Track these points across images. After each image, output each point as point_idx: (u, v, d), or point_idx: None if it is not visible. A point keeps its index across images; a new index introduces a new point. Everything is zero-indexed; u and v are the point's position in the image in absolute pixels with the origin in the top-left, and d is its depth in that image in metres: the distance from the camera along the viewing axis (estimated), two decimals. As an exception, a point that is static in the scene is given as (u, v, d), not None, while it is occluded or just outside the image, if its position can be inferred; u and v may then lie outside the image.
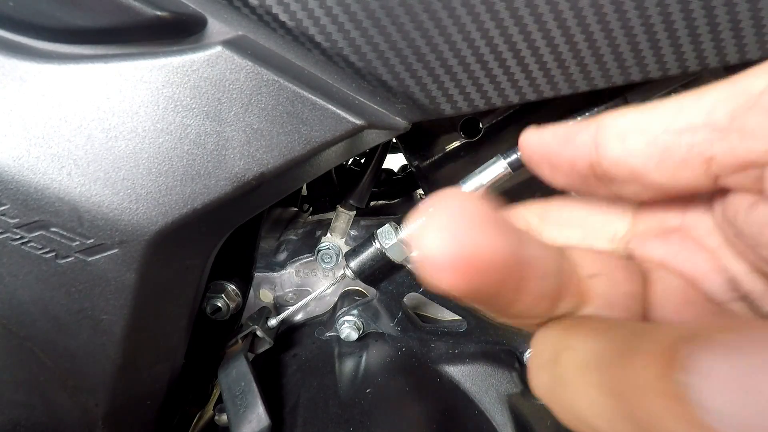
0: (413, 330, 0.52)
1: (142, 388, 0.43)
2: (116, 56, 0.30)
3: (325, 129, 0.32)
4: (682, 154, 0.16)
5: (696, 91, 0.17)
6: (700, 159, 0.16)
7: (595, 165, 0.18)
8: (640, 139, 0.17)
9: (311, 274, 0.59)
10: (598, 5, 0.29)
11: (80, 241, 0.33)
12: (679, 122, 0.16)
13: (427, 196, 0.49)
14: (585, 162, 0.19)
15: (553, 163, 0.20)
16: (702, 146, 0.16)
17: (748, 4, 0.29)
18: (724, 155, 0.16)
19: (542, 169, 0.21)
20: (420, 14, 0.30)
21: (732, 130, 0.15)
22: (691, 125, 0.16)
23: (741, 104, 0.15)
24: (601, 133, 0.18)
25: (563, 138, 0.19)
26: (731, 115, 0.16)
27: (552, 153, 0.20)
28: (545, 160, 0.20)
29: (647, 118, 0.17)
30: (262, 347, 0.53)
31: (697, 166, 0.16)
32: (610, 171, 0.18)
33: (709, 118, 0.16)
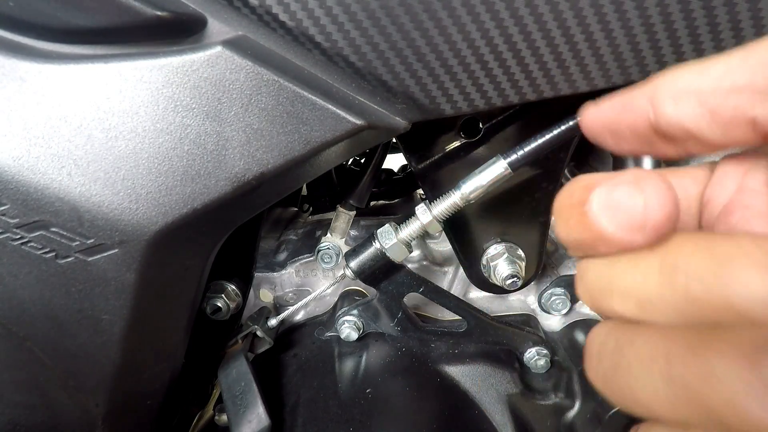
0: (413, 330, 0.52)
1: (142, 388, 0.43)
2: (116, 56, 0.30)
3: (325, 129, 0.32)
4: (729, 114, 0.17)
5: (744, 49, 0.17)
6: (744, 119, 0.17)
7: (655, 126, 0.19)
8: (691, 100, 0.18)
9: (311, 274, 0.60)
10: (598, 5, 0.29)
11: (80, 241, 0.33)
12: (726, 83, 0.17)
13: (427, 196, 0.49)
14: (645, 125, 0.19)
15: (615, 130, 0.21)
16: (746, 107, 0.17)
17: (748, 4, 0.29)
18: (764, 116, 0.16)
19: (605, 139, 0.22)
20: (420, 14, 0.30)
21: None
22: (735, 86, 0.17)
23: None
24: (656, 96, 0.19)
25: (621, 106, 0.20)
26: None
27: (613, 122, 0.21)
28: (607, 129, 0.21)
29: (698, 79, 0.18)
30: (262, 347, 0.53)
31: (743, 125, 0.17)
32: (668, 131, 0.19)
33: (751, 80, 0.16)
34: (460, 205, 0.40)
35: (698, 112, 0.18)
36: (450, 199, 0.40)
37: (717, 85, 0.17)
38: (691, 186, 0.22)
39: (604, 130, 0.21)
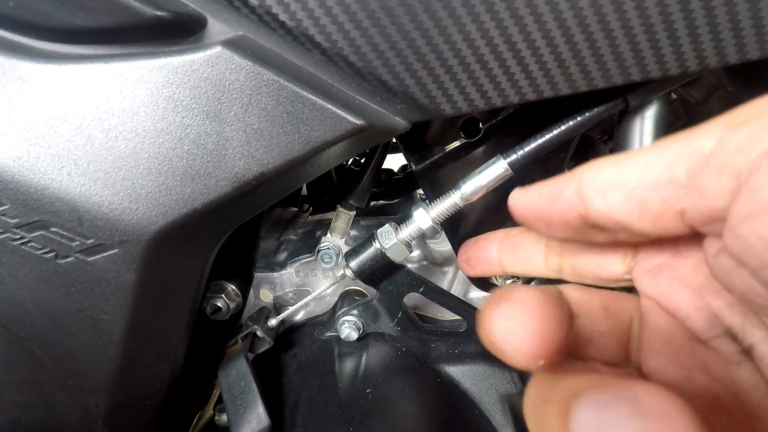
0: (413, 330, 0.52)
1: (142, 388, 0.43)
2: (116, 56, 0.30)
3: (325, 129, 0.32)
4: (657, 207, 0.18)
5: (659, 144, 0.18)
6: (672, 212, 0.18)
7: (585, 217, 0.20)
8: (618, 194, 0.18)
9: (311, 274, 0.60)
10: (598, 5, 0.29)
11: (80, 241, 0.33)
12: (648, 178, 0.18)
13: (427, 196, 0.49)
14: (575, 216, 0.20)
15: (546, 221, 0.22)
16: (672, 201, 0.17)
17: (748, 4, 0.29)
18: (691, 210, 0.17)
19: (538, 227, 0.23)
20: (420, 14, 0.30)
21: (692, 187, 0.17)
22: (658, 182, 0.17)
23: (695, 164, 0.16)
24: (583, 189, 0.19)
25: (549, 197, 0.21)
26: (688, 173, 0.17)
27: (542, 212, 0.21)
28: (538, 219, 0.22)
29: (620, 173, 0.18)
30: (262, 347, 0.53)
31: (672, 217, 0.18)
32: (599, 222, 0.20)
33: (671, 175, 0.17)
34: (460, 205, 0.40)
35: (627, 205, 0.18)
36: (450, 199, 0.40)
37: (640, 179, 0.18)
38: None
39: (535, 218, 0.22)
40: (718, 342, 0.20)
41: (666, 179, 0.17)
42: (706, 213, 0.17)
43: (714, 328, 0.20)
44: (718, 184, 0.16)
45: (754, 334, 0.19)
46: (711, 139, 0.16)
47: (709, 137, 0.16)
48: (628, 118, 0.39)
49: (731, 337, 0.20)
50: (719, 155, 0.16)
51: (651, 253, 0.23)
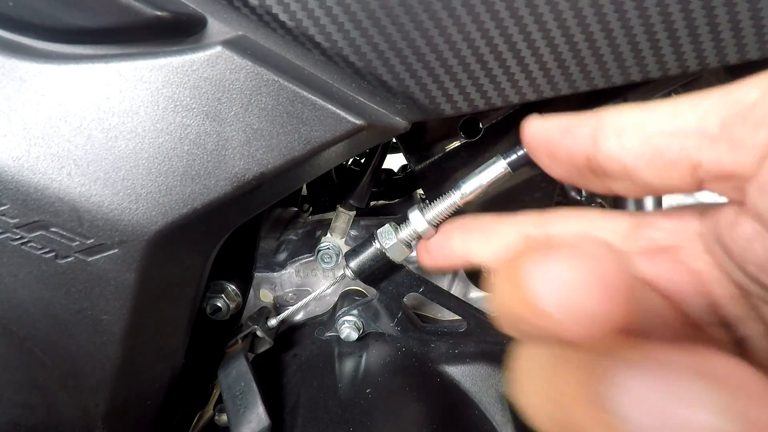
0: (413, 330, 0.52)
1: (142, 388, 0.43)
2: (116, 56, 0.30)
3: (325, 129, 0.32)
4: (672, 156, 0.17)
5: (694, 95, 0.17)
6: (687, 163, 0.17)
7: (591, 158, 0.19)
8: (635, 137, 0.18)
9: (311, 274, 0.59)
10: (598, 5, 0.29)
11: (80, 241, 0.33)
12: (674, 125, 0.17)
13: (427, 196, 0.49)
14: (582, 154, 0.19)
15: (552, 152, 0.21)
16: (691, 151, 0.16)
17: (748, 4, 0.29)
18: (710, 163, 0.16)
19: (541, 157, 0.22)
20: (420, 14, 0.30)
21: (721, 139, 0.16)
22: (683, 129, 0.17)
23: (733, 114, 0.16)
24: (600, 128, 0.18)
25: (564, 128, 0.20)
26: (722, 123, 0.16)
27: (552, 142, 0.20)
28: (545, 148, 0.21)
29: (645, 118, 0.18)
30: (262, 347, 0.53)
31: (684, 169, 0.17)
32: (605, 165, 0.19)
33: (701, 124, 0.16)
34: (459, 205, 0.40)
35: (640, 149, 0.18)
36: (450, 199, 0.40)
37: (663, 126, 0.17)
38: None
39: (543, 148, 0.21)
40: (713, 330, 0.19)
41: (694, 128, 0.16)
42: (729, 168, 0.16)
43: (711, 315, 0.20)
44: (755, 137, 0.15)
45: (752, 327, 0.19)
46: (756, 90, 0.15)
47: (754, 88, 0.15)
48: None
49: (726, 327, 0.19)
50: (763, 106, 0.15)
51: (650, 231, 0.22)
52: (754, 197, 0.15)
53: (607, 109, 0.19)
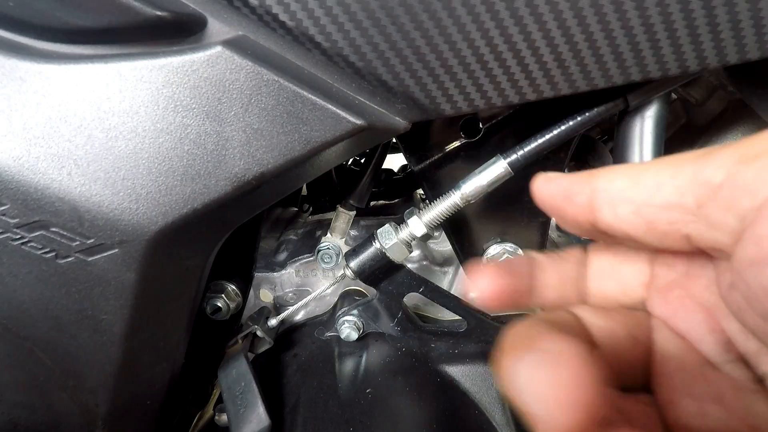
0: (413, 330, 0.52)
1: (142, 388, 0.43)
2: (116, 56, 0.30)
3: (325, 129, 0.32)
4: (663, 227, 0.18)
5: (674, 162, 0.17)
6: (678, 234, 0.17)
7: (594, 224, 0.20)
8: (627, 209, 0.18)
9: (311, 274, 0.59)
10: (598, 5, 0.29)
11: (80, 241, 0.33)
12: (659, 198, 0.17)
13: (427, 196, 0.49)
14: (585, 220, 0.20)
15: (560, 215, 0.21)
16: (679, 224, 0.17)
17: (748, 4, 0.29)
18: (697, 237, 0.17)
19: (553, 215, 0.22)
20: (420, 14, 0.30)
21: (699, 217, 0.16)
22: (668, 203, 0.17)
23: (704, 193, 0.16)
24: (595, 198, 0.19)
25: (564, 195, 0.21)
26: (697, 202, 0.16)
27: (558, 207, 0.21)
28: (554, 211, 0.22)
29: (632, 188, 0.18)
30: (262, 347, 0.53)
31: (678, 238, 0.18)
32: (608, 231, 0.19)
33: (680, 200, 0.17)
34: (460, 205, 0.40)
35: (635, 220, 0.18)
36: (450, 200, 0.40)
37: (650, 198, 0.18)
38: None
39: (552, 210, 0.22)
40: (730, 367, 0.19)
41: (675, 203, 0.17)
42: (713, 244, 0.17)
43: (727, 353, 0.19)
44: (725, 220, 0.16)
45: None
46: (722, 170, 0.16)
47: (720, 167, 0.16)
48: (628, 118, 0.39)
49: (744, 364, 0.19)
50: (727, 190, 0.15)
51: (662, 270, 0.22)
52: (735, 279, 0.16)
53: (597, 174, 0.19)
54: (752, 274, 0.15)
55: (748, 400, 0.18)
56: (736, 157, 0.16)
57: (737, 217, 0.15)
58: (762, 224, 0.14)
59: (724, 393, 0.18)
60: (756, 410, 0.18)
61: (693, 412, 0.18)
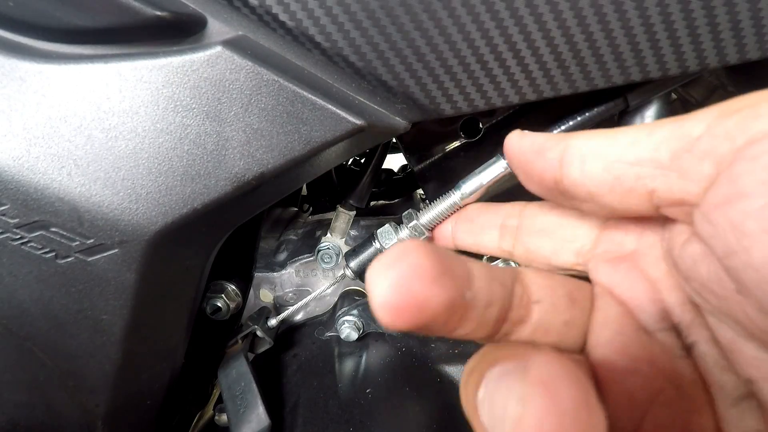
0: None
1: (142, 388, 0.43)
2: (116, 56, 0.30)
3: (325, 129, 0.32)
4: (630, 183, 0.18)
5: (651, 125, 0.18)
6: (644, 190, 0.18)
7: (558, 182, 0.20)
8: (597, 165, 0.19)
9: (311, 274, 0.59)
10: (598, 5, 0.29)
11: (80, 241, 0.33)
12: (631, 154, 0.18)
13: (427, 196, 0.49)
14: (551, 177, 0.21)
15: (526, 171, 0.22)
16: (646, 179, 0.18)
17: (748, 4, 0.29)
18: (663, 190, 0.18)
19: (518, 173, 0.23)
20: (420, 14, 0.30)
21: (672, 169, 0.17)
22: (639, 159, 0.18)
23: (681, 146, 0.17)
24: (566, 154, 0.20)
25: (537, 150, 0.21)
26: (672, 155, 0.17)
27: (526, 162, 0.22)
28: (521, 166, 0.22)
29: (606, 146, 0.19)
30: (262, 347, 0.53)
31: (641, 195, 0.18)
32: (570, 190, 0.20)
33: (654, 155, 0.18)
34: (460, 205, 0.40)
35: (601, 176, 0.19)
36: (450, 200, 0.40)
37: (623, 155, 0.18)
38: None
39: (519, 165, 0.22)
40: (663, 335, 0.21)
41: (648, 158, 0.18)
42: (678, 196, 0.17)
43: (662, 321, 0.21)
44: (699, 168, 0.16)
45: (698, 333, 0.20)
46: (702, 124, 0.17)
47: (700, 122, 0.17)
48: (628, 118, 0.39)
49: (676, 333, 0.21)
50: (706, 140, 0.16)
51: (610, 241, 0.23)
52: (699, 223, 0.17)
53: (575, 134, 0.20)
54: (721, 212, 0.15)
55: (676, 364, 0.20)
56: (716, 112, 0.17)
57: (714, 162, 0.16)
58: (739, 164, 0.15)
59: (655, 356, 0.20)
60: (682, 372, 0.20)
61: (626, 369, 0.20)
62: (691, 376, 0.20)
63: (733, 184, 0.15)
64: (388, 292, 0.16)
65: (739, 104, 0.16)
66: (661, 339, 0.21)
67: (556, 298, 0.22)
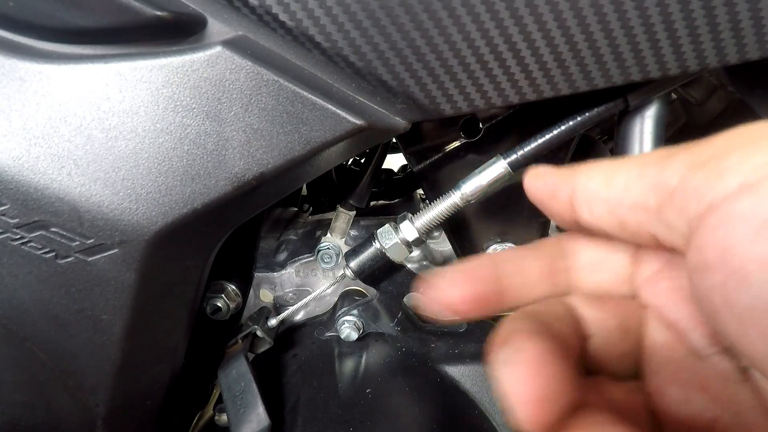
0: (413, 330, 0.52)
1: (142, 388, 0.43)
2: (116, 56, 0.30)
3: (325, 129, 0.32)
4: (633, 227, 0.18)
5: (642, 163, 0.18)
6: (647, 234, 0.18)
7: (576, 222, 0.21)
8: (602, 209, 0.19)
9: (311, 274, 0.59)
10: (598, 5, 0.29)
11: (80, 241, 0.33)
12: (627, 199, 0.18)
13: (427, 196, 0.49)
14: (570, 218, 0.21)
15: (548, 212, 0.22)
16: (645, 225, 0.18)
17: (748, 4, 0.29)
18: (660, 236, 0.18)
19: (545, 212, 0.23)
20: (420, 14, 0.30)
21: (659, 219, 0.17)
22: (635, 204, 0.18)
23: (663, 197, 0.17)
24: (574, 197, 0.20)
25: (550, 193, 0.21)
26: (657, 204, 0.17)
27: (545, 205, 0.22)
28: (543, 208, 0.23)
29: (606, 188, 0.19)
30: (262, 347, 0.53)
31: (647, 237, 0.18)
32: (589, 228, 0.20)
33: (645, 202, 0.18)
34: (460, 205, 0.40)
35: (610, 220, 0.19)
36: (450, 200, 0.40)
37: (622, 199, 0.18)
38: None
39: (541, 207, 0.23)
40: (717, 359, 0.19)
41: (641, 204, 0.18)
42: (672, 245, 0.17)
43: (713, 345, 0.20)
44: (678, 224, 0.16)
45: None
46: (676, 175, 0.16)
47: (675, 173, 0.16)
48: (628, 118, 0.39)
49: (729, 355, 0.19)
50: (679, 195, 0.16)
51: (646, 262, 0.22)
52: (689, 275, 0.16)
53: (578, 171, 0.20)
54: (697, 278, 0.15)
55: (732, 390, 0.19)
56: (688, 162, 0.16)
57: (686, 221, 0.16)
58: (703, 232, 0.15)
59: (709, 382, 0.19)
60: (739, 398, 0.18)
61: (679, 399, 0.19)
62: (751, 402, 0.18)
63: (698, 253, 0.15)
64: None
65: (708, 153, 0.16)
66: (715, 362, 0.19)
67: (607, 330, 0.21)
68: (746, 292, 0.14)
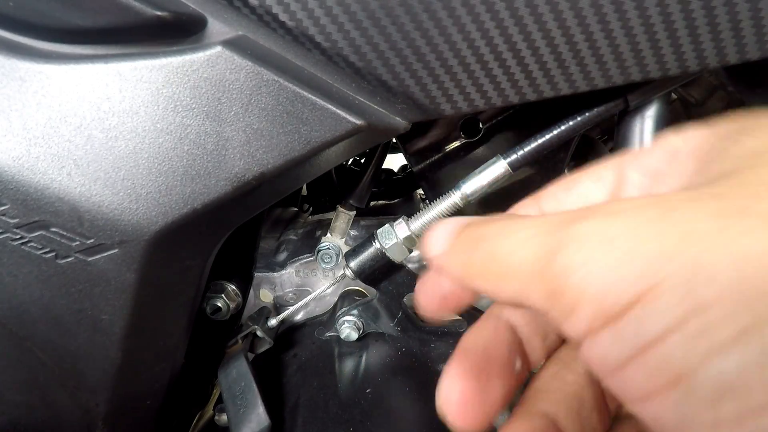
0: (413, 330, 0.52)
1: (142, 388, 0.43)
2: (116, 56, 0.30)
3: (325, 129, 0.32)
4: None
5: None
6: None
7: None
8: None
9: (311, 274, 0.59)
10: (598, 5, 0.29)
11: (80, 241, 0.33)
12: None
13: (427, 196, 0.49)
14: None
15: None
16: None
17: (748, 4, 0.29)
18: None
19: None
20: (420, 14, 0.30)
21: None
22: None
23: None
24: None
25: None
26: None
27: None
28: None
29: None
30: (262, 347, 0.53)
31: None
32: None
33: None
34: (460, 205, 0.40)
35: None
36: (450, 200, 0.40)
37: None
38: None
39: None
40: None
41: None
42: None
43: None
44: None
45: None
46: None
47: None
48: (628, 118, 0.39)
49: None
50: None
51: None
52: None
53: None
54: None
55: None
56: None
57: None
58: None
59: None
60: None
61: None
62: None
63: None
64: None
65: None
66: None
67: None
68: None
